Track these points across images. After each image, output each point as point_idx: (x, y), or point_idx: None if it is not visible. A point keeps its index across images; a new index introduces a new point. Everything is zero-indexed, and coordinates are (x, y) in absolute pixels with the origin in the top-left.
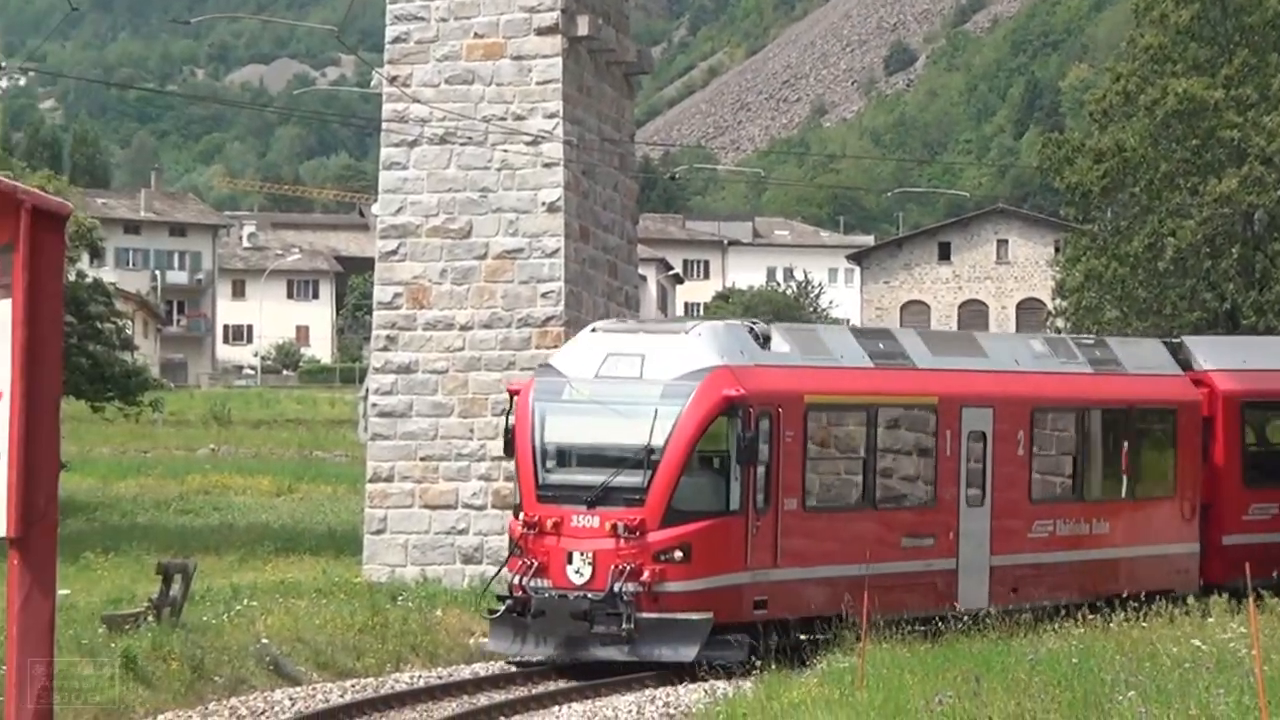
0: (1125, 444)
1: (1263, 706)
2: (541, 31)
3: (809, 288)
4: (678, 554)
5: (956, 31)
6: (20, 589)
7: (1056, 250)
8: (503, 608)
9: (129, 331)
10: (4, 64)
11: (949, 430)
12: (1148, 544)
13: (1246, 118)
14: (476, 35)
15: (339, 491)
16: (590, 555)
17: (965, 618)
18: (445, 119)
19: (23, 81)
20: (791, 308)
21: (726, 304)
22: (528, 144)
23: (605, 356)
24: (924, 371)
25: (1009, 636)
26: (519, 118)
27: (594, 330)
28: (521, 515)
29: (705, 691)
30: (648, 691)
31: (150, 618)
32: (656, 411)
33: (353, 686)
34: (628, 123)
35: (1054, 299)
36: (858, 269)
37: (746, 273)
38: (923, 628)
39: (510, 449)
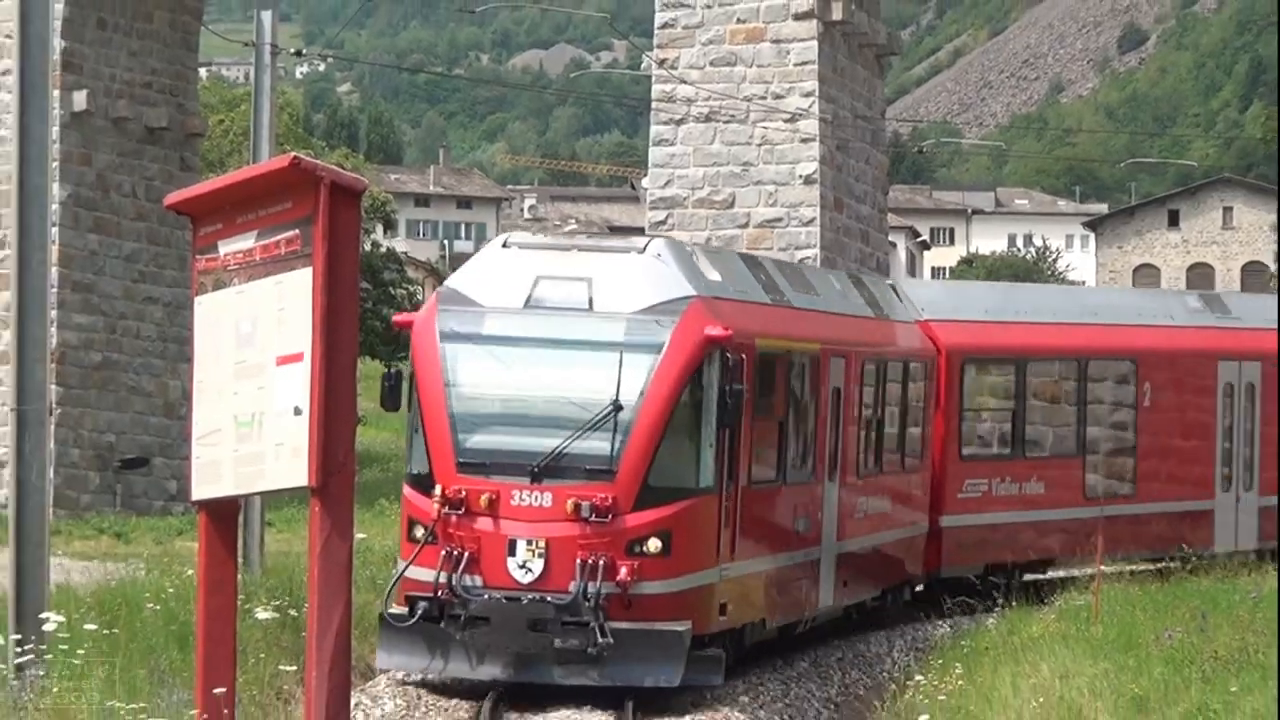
0: (902, 402)
1: None
2: (799, 17)
3: (1047, 253)
4: (654, 544)
5: (1186, 13)
6: (320, 533)
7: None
8: (415, 613)
9: (420, 297)
10: (305, 51)
11: (823, 384)
12: (909, 526)
13: None
14: (739, 21)
15: None
16: (541, 544)
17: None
18: (709, 99)
19: (322, 67)
20: (1031, 271)
21: (970, 268)
22: (786, 121)
23: (535, 280)
24: (802, 312)
25: (1234, 575)
26: (778, 97)
27: (507, 246)
28: (437, 489)
29: (950, 625)
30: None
31: None
32: (622, 355)
33: None
34: (879, 100)
35: (1276, 261)
36: (1093, 235)
37: (989, 239)
38: (1154, 567)
39: (394, 399)
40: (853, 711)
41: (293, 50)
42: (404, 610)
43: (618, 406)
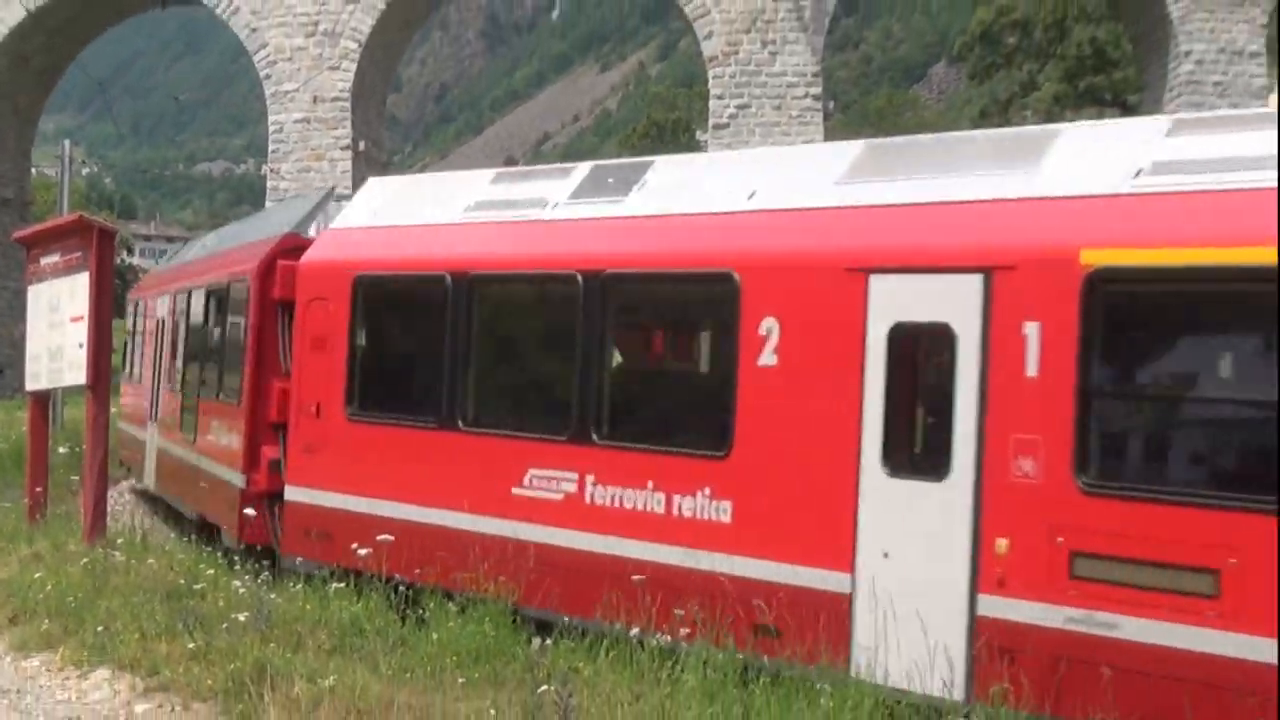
0: None
1: None
2: (342, 148)
3: None
4: None
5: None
6: (91, 410)
7: None
8: None
9: None
10: (85, 160)
11: None
12: None
13: None
14: (312, 149)
15: None
16: None
17: None
18: (299, 191)
19: (96, 169)
20: None
21: None
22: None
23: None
24: None
25: None
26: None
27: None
28: None
29: None
30: None
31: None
32: None
33: None
34: None
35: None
36: None
37: None
38: None
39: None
40: None
41: (81, 160)
42: None
43: None
